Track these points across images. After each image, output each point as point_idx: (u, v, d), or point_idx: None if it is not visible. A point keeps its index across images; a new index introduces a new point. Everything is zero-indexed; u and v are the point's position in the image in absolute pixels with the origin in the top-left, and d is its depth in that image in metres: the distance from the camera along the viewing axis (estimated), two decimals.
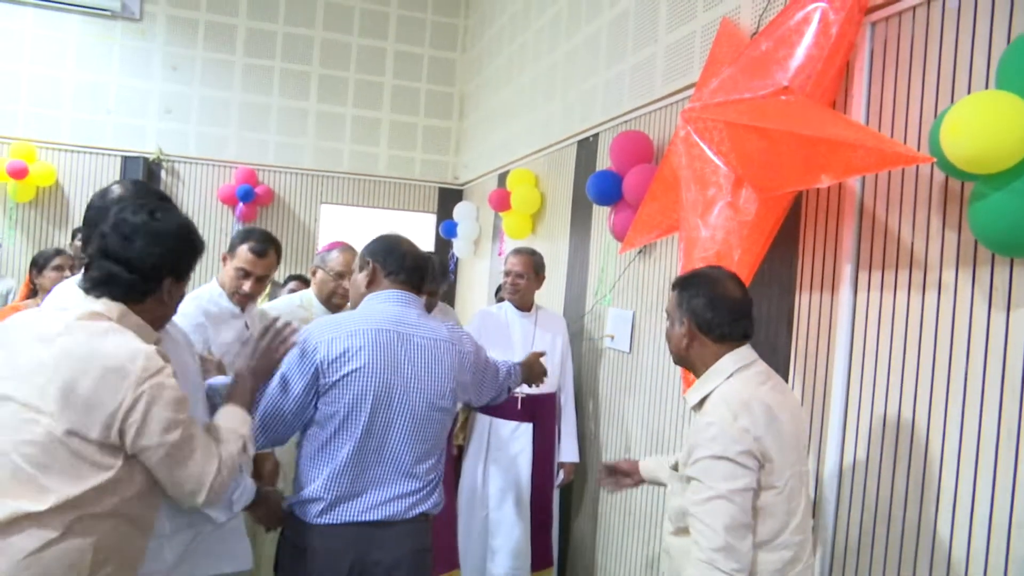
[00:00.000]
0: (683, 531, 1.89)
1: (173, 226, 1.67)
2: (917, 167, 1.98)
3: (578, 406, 4.05)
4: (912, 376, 1.98)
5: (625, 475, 2.43)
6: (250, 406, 1.94)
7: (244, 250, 2.75)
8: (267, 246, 2.78)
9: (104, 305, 1.62)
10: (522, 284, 3.68)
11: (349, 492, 2.09)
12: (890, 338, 2.06)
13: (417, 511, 2.16)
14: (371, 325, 2.14)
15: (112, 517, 1.57)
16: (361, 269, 2.30)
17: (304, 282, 5.02)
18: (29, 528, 1.49)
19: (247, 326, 2.81)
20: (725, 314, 1.87)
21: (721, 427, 1.74)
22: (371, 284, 2.27)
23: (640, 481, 2.40)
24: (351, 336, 2.11)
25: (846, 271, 2.21)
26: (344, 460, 2.08)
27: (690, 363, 1.96)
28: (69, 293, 1.76)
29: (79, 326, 1.57)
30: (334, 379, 2.08)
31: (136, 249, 1.62)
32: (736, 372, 1.85)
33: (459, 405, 3.70)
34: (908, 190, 2.03)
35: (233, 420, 1.83)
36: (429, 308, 3.20)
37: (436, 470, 2.24)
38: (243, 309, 2.84)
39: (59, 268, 3.89)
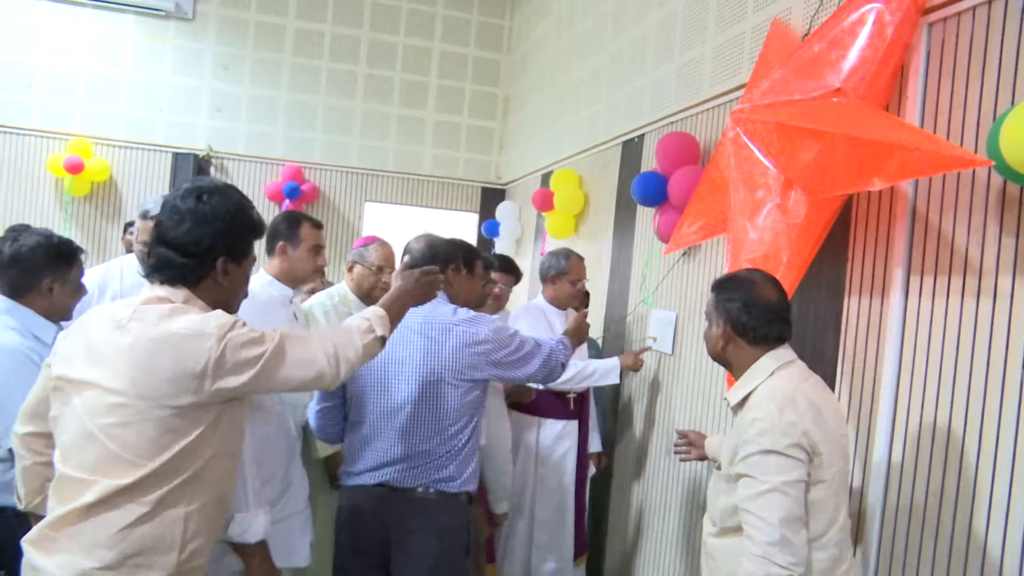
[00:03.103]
0: (728, 531, 1.89)
1: (221, 208, 1.70)
2: (973, 171, 1.94)
3: (618, 408, 4.04)
4: (964, 384, 1.95)
5: (692, 446, 2.47)
6: (396, 313, 1.96)
7: (308, 228, 2.78)
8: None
9: (167, 290, 1.67)
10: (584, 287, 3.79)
11: (371, 462, 2.35)
12: (942, 345, 2.03)
13: (430, 481, 2.32)
14: None
15: (196, 483, 1.62)
16: None
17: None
18: (124, 504, 1.56)
19: (295, 316, 2.84)
20: (760, 317, 1.90)
21: (768, 422, 1.75)
22: None
23: (703, 456, 2.43)
24: None
25: (897, 275, 2.18)
26: (364, 435, 2.37)
27: (727, 363, 2.00)
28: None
29: (147, 310, 1.63)
30: None
31: (184, 232, 1.66)
32: (778, 370, 1.88)
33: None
34: (963, 194, 1.99)
35: (366, 313, 1.87)
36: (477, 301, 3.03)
37: (456, 441, 2.35)
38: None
39: None
